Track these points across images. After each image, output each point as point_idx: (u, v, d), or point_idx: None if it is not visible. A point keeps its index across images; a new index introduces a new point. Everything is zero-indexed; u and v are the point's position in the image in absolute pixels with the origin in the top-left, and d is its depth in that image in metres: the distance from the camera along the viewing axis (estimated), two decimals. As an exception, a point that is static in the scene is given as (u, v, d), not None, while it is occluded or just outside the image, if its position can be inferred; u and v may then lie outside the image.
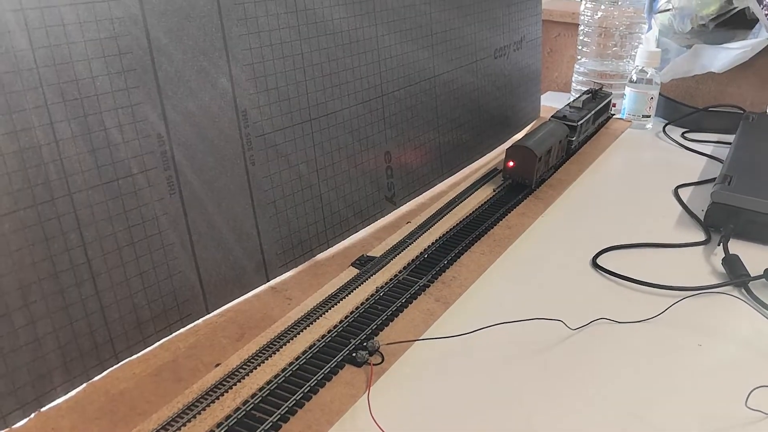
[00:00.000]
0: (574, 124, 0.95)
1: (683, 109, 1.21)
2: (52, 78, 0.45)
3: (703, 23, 1.22)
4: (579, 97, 1.06)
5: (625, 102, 1.17)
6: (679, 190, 0.91)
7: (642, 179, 0.98)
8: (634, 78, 1.15)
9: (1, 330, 0.44)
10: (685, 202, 0.88)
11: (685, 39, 1.24)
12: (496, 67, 0.98)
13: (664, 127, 1.18)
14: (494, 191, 0.86)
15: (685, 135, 1.15)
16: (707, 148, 1.08)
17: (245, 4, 0.58)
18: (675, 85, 1.27)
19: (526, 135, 0.89)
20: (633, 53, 1.21)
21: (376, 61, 0.74)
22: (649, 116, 1.16)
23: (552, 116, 0.97)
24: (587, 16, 1.23)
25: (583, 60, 1.26)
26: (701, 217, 0.82)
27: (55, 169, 0.46)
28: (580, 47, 1.26)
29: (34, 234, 0.45)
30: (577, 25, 1.27)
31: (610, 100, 1.12)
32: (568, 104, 1.03)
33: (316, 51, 0.65)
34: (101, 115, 0.49)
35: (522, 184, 0.86)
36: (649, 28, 1.27)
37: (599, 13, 1.21)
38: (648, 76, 1.14)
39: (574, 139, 0.97)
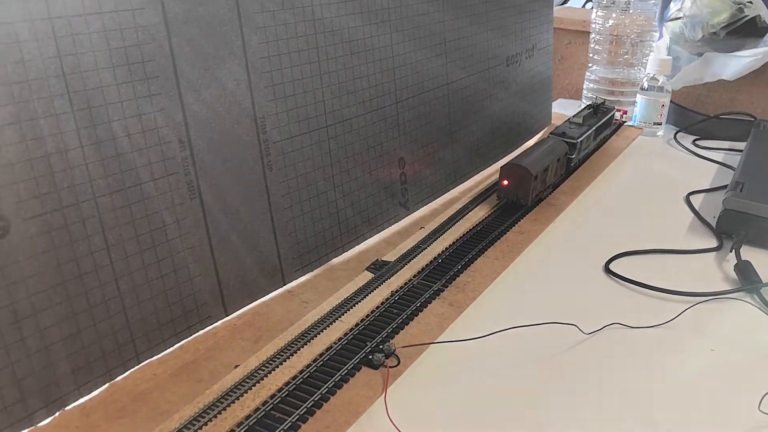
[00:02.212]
0: (574, 141, 0.92)
1: (694, 117, 1.21)
2: (78, 85, 0.47)
3: (714, 31, 1.23)
4: (579, 112, 1.03)
5: (637, 109, 1.18)
6: (691, 197, 0.92)
7: (654, 186, 0.98)
8: (646, 85, 1.16)
9: (27, 331, 0.45)
10: (696, 208, 0.88)
11: (696, 47, 1.25)
12: (508, 75, 0.99)
13: (675, 135, 1.18)
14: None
15: (697, 142, 1.15)
16: (718, 156, 1.09)
17: (264, 13, 0.59)
18: (686, 92, 1.27)
19: (522, 152, 0.86)
20: (644, 61, 1.22)
21: (390, 69, 0.75)
22: (660, 123, 1.17)
23: (551, 132, 0.94)
24: (598, 24, 1.24)
25: (595, 67, 1.26)
26: (713, 223, 0.82)
27: (80, 173, 0.47)
28: (591, 55, 1.26)
29: (60, 237, 0.47)
30: (588, 32, 1.28)
31: (613, 115, 1.08)
32: (568, 120, 1.00)
33: (332, 59, 0.67)
34: (125, 121, 0.50)
35: (517, 204, 0.83)
36: (661, 36, 1.28)
37: (610, 21, 1.22)
38: (659, 83, 1.15)
39: (573, 156, 0.93)
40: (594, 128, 0.99)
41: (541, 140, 0.90)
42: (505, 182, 0.82)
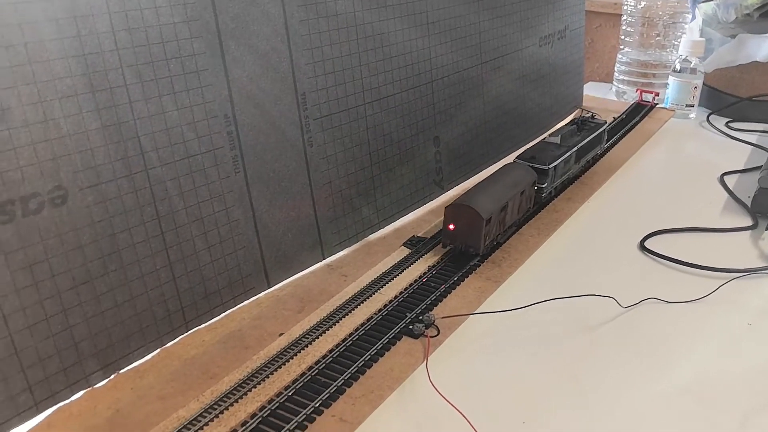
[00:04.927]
0: (545, 167, 0.75)
1: (727, 99, 1.20)
2: (130, 59, 0.48)
3: (747, 13, 1.22)
4: (559, 129, 0.85)
5: (669, 91, 1.17)
6: (725, 178, 0.91)
7: (687, 167, 0.98)
8: (678, 67, 1.15)
9: (85, 296, 0.47)
10: (731, 188, 0.88)
11: (729, 29, 1.24)
12: (540, 55, 0.99)
13: (708, 117, 1.18)
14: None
15: (730, 124, 1.15)
16: (752, 137, 1.08)
17: (305, -9, 0.60)
18: (718, 74, 1.26)
19: (477, 185, 0.69)
20: (676, 43, 1.21)
21: (426, 48, 0.75)
22: (692, 105, 1.16)
23: (517, 157, 0.77)
24: (630, 6, 1.23)
25: (626, 50, 1.26)
26: (748, 203, 0.82)
27: (132, 146, 0.49)
28: (623, 37, 1.26)
29: (114, 206, 0.48)
30: (619, 15, 1.28)
31: (603, 131, 0.90)
32: (544, 139, 0.83)
33: (370, 37, 0.68)
34: (174, 95, 0.51)
35: (466, 253, 0.67)
36: (693, 17, 1.27)
37: (642, 3, 1.21)
38: (692, 65, 1.14)
39: (545, 185, 0.76)
40: (575, 149, 0.82)
41: (503, 167, 0.74)
42: (451, 226, 0.66)
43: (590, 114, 0.92)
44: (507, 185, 0.69)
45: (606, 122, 0.91)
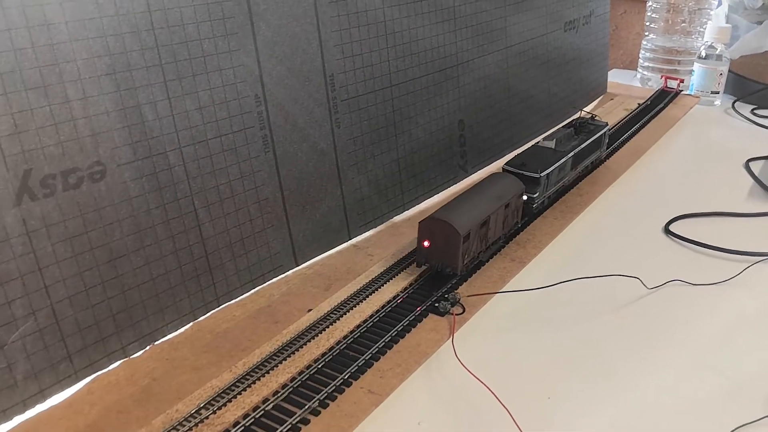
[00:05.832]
0: (536, 176, 0.69)
1: (752, 86, 1.19)
2: (166, 39, 0.49)
3: (775, -2, 1.21)
4: (554, 133, 0.77)
5: (694, 78, 1.16)
6: (751, 164, 0.91)
7: (712, 153, 0.98)
8: (704, 54, 1.14)
9: (122, 269, 0.48)
10: (756, 174, 0.87)
11: (756, 15, 1.22)
12: (565, 40, 0.99)
13: (733, 104, 1.17)
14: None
15: (755, 111, 1.14)
16: (778, 124, 1.08)
17: (334, -26, 0.61)
18: (744, 61, 1.25)
19: (456, 198, 0.62)
20: (701, 29, 1.20)
21: (452, 31, 0.76)
22: (717, 92, 1.15)
23: (506, 164, 0.71)
24: (656, -9, 1.22)
25: (651, 36, 1.25)
26: (774, 188, 0.82)
27: (167, 123, 0.50)
28: (648, 23, 1.25)
29: (150, 183, 0.50)
30: (644, 2, 1.27)
31: (604, 134, 0.84)
32: (536, 143, 0.77)
33: (397, 19, 0.68)
34: (207, 75, 0.52)
35: (443, 273, 0.60)
36: (719, 4, 1.26)
37: (668, -11, 1.20)
38: (717, 52, 1.13)
39: (536, 195, 0.69)
40: (571, 155, 0.75)
41: (487, 178, 0.67)
42: (426, 243, 0.60)
43: (590, 115, 0.86)
44: (489, 198, 0.63)
45: (607, 124, 0.84)
